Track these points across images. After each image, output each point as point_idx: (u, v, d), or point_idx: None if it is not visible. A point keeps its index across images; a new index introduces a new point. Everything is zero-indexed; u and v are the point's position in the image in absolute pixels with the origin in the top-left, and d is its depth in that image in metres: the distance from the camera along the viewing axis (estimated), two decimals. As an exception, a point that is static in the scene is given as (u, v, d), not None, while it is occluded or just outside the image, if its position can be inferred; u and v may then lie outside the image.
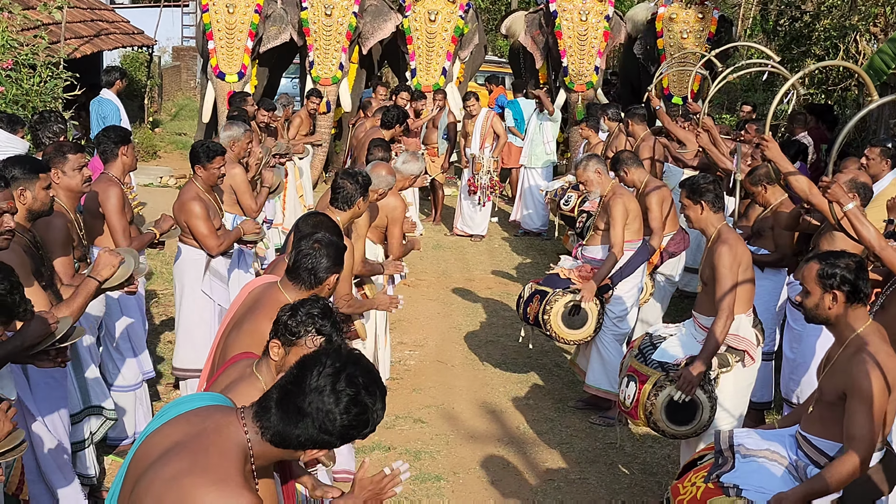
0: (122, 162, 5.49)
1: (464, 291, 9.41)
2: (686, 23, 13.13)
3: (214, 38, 12.54)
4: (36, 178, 4.01)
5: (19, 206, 3.94)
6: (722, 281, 4.76)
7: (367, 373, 2.29)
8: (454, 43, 13.24)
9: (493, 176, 11.38)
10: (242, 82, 12.54)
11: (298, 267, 3.59)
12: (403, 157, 6.56)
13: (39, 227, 4.38)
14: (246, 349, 3.24)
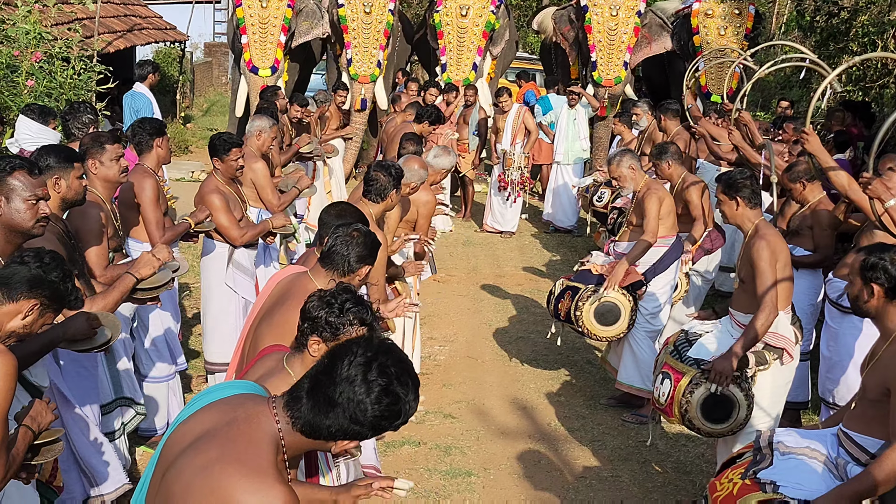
0: (157, 154, 5.50)
1: (494, 288, 9.37)
2: (723, 18, 12.98)
3: (248, 33, 12.57)
4: (70, 167, 4.02)
5: (53, 194, 3.95)
6: (761, 276, 4.68)
7: (399, 362, 2.25)
8: (485, 38, 13.19)
9: (524, 172, 11.32)
10: (275, 77, 12.56)
11: (333, 253, 3.58)
12: (435, 150, 6.54)
13: (74, 216, 4.39)
14: (277, 340, 3.21)
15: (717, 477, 4.03)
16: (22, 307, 3.01)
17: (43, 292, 3.05)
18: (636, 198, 6.38)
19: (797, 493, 3.56)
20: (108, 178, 4.68)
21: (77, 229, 4.42)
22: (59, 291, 3.11)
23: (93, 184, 4.60)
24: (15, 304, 3.00)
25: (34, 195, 3.51)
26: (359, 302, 2.98)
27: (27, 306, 3.02)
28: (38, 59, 7.79)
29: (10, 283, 3.00)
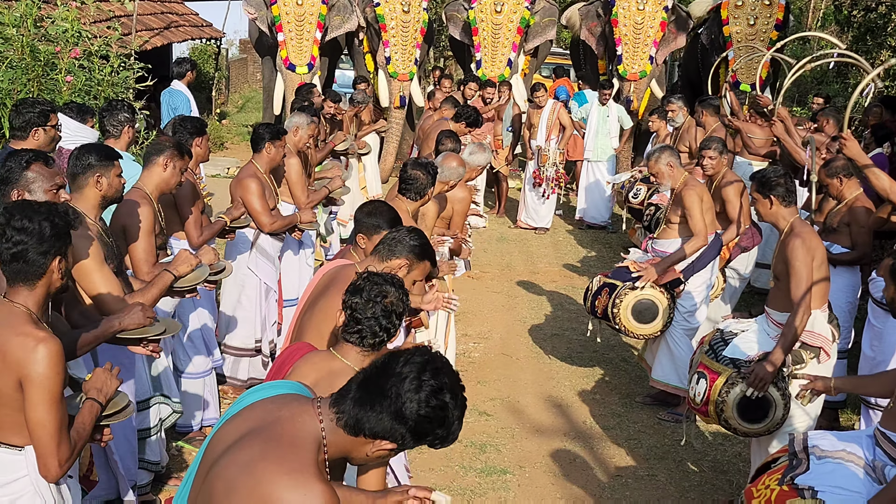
0: (195, 153, 5.56)
1: (528, 284, 9.36)
2: (752, 9, 12.92)
3: (284, 31, 12.63)
4: (111, 165, 4.06)
5: (94, 192, 4.00)
6: (796, 275, 4.63)
7: (452, 375, 2.29)
8: (519, 34, 13.17)
9: (559, 168, 11.29)
10: (312, 73, 12.62)
11: (384, 241, 3.72)
12: (471, 147, 6.54)
13: (122, 213, 4.46)
14: (318, 328, 3.25)
15: (753, 483, 4.00)
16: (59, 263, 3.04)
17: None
18: (674, 195, 6.34)
19: (836, 498, 3.52)
20: (169, 182, 4.73)
21: (125, 226, 4.48)
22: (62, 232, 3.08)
23: (149, 180, 4.66)
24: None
25: (54, 184, 3.63)
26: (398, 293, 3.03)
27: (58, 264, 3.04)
28: (76, 56, 7.88)
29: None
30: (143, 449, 4.78)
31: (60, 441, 2.89)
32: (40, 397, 2.84)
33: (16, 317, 2.90)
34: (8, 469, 2.96)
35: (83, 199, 3.99)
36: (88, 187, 3.98)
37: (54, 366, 2.85)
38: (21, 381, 2.84)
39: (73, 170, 4.00)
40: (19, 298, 2.94)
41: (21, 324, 2.88)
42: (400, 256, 3.69)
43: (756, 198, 4.88)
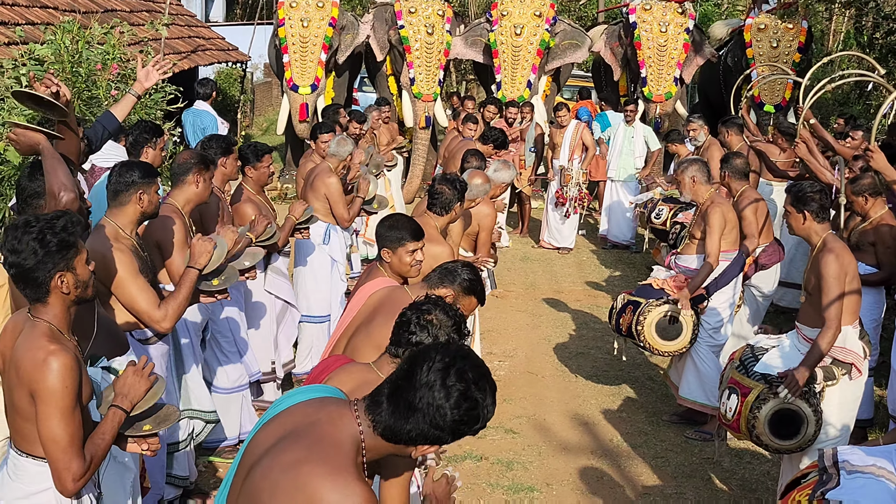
0: (223, 172, 5.62)
1: (553, 303, 9.37)
2: (775, 32, 13.01)
3: (289, 52, 12.80)
4: (153, 182, 4.15)
5: (136, 208, 4.09)
6: (828, 291, 4.64)
7: (476, 367, 2.29)
8: (539, 56, 13.25)
9: (581, 188, 11.32)
10: (315, 94, 12.74)
11: (438, 270, 3.80)
12: (495, 165, 6.60)
13: (156, 228, 4.54)
14: (374, 353, 3.24)
15: (782, 499, 3.98)
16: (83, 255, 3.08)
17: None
18: (699, 211, 6.35)
19: (867, 511, 3.51)
20: (202, 196, 4.82)
21: (159, 241, 4.56)
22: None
23: (179, 196, 4.74)
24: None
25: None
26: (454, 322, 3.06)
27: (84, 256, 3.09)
28: (115, 71, 8.05)
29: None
30: (170, 463, 4.80)
31: (73, 456, 2.88)
32: (50, 410, 2.86)
33: (36, 330, 2.95)
34: (35, 480, 2.99)
35: (123, 215, 4.07)
36: (131, 204, 4.07)
37: (63, 378, 2.86)
38: (32, 394, 2.87)
39: (116, 186, 4.08)
40: (39, 314, 3.00)
41: (37, 337, 2.92)
42: (448, 287, 3.74)
43: (790, 211, 4.89)
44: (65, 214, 3.07)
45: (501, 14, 13.23)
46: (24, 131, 3.88)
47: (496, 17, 13.28)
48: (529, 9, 13.19)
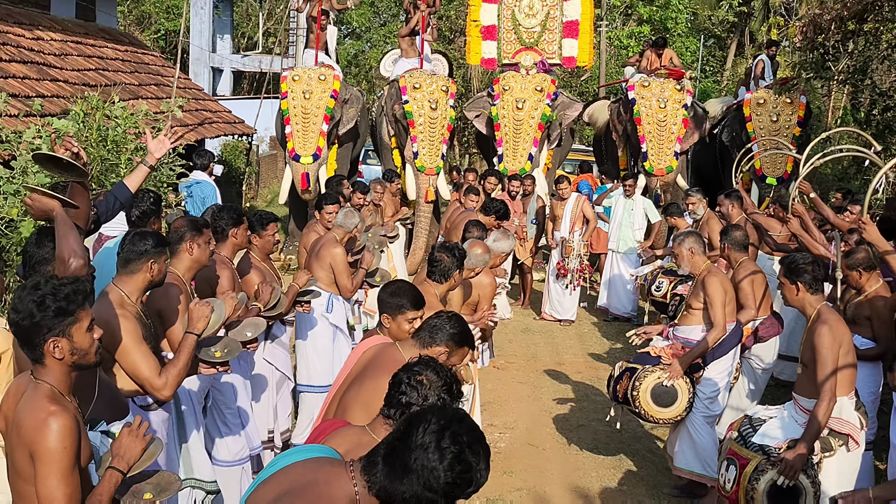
0: (232, 242, 5.69)
1: (554, 375, 9.37)
2: (775, 107, 13.29)
3: (291, 123, 13.02)
4: (164, 251, 4.25)
5: (145, 276, 4.17)
6: (823, 362, 4.69)
7: (471, 431, 2.34)
8: (541, 130, 13.47)
9: (583, 260, 11.41)
10: (317, 164, 12.91)
11: (425, 327, 3.78)
12: (494, 234, 6.69)
13: (158, 297, 4.59)
14: (364, 409, 3.30)
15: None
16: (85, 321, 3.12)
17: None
18: (696, 282, 6.42)
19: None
20: (200, 260, 4.88)
21: (161, 309, 4.61)
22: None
23: (179, 265, 4.80)
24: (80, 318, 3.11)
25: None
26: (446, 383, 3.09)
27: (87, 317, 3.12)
28: (131, 133, 8.25)
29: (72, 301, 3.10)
30: (171, 534, 4.78)
31: None
32: (49, 471, 2.87)
33: (37, 392, 2.99)
34: None
35: (132, 282, 4.15)
36: (141, 272, 4.16)
37: (62, 439, 2.88)
38: (32, 454, 2.89)
39: (129, 254, 4.16)
40: (40, 375, 3.04)
41: (38, 399, 2.96)
42: (440, 343, 3.78)
43: (784, 283, 4.96)
44: (74, 282, 3.13)
45: (503, 89, 13.50)
46: (40, 197, 3.97)
47: (498, 91, 13.55)
48: (531, 84, 13.47)
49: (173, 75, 15.14)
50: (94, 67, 14.02)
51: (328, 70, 13.36)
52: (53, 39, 13.64)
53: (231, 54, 28.62)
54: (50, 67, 12.41)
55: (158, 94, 15.23)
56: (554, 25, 14.38)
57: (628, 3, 29.65)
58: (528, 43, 14.35)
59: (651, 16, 28.61)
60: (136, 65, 16.25)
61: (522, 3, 14.34)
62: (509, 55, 14.33)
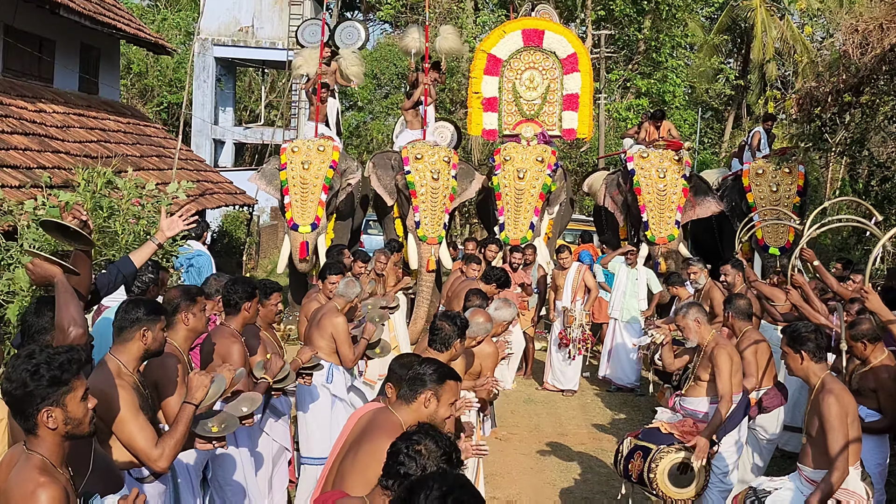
0: (244, 317, 5.65)
1: (557, 446, 9.24)
2: (774, 177, 13.40)
3: (290, 193, 13.08)
4: (158, 319, 4.20)
5: (139, 345, 4.13)
6: (833, 431, 4.62)
7: (473, 497, 2.32)
8: (542, 199, 13.54)
9: (585, 329, 11.36)
10: (316, 233, 12.93)
11: (404, 384, 3.76)
12: (496, 303, 6.66)
13: (154, 367, 4.54)
14: (360, 475, 3.25)
15: None
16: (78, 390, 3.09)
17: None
18: (703, 352, 6.35)
19: None
20: (196, 329, 4.85)
21: (157, 380, 4.56)
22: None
23: (175, 335, 4.76)
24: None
25: None
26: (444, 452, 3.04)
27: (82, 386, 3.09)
28: (137, 204, 8.29)
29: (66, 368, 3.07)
30: None
31: None
32: None
33: (28, 463, 2.95)
34: None
35: (127, 351, 4.11)
36: (134, 341, 4.11)
37: None
38: None
39: (121, 323, 4.13)
40: (33, 446, 3.01)
41: (29, 469, 2.92)
42: (423, 390, 3.74)
43: (787, 352, 4.92)
44: (69, 351, 3.11)
45: (504, 159, 13.62)
46: (43, 263, 3.96)
47: (499, 161, 13.66)
48: (532, 155, 13.60)
49: (175, 147, 15.27)
50: (96, 139, 14.15)
51: (327, 141, 13.49)
52: (56, 112, 13.79)
53: (233, 126, 28.95)
54: (52, 139, 12.52)
55: (160, 165, 15.35)
56: (554, 98, 14.59)
57: (626, 77, 30.08)
58: (529, 115, 14.55)
59: (649, 89, 29.01)
60: (139, 137, 16.41)
61: (523, 76, 14.57)
62: (510, 126, 14.51)
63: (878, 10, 11.43)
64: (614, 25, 29.09)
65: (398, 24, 33.62)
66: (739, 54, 37.40)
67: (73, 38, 15.56)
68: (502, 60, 14.59)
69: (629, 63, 30.74)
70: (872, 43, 11.07)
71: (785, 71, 34.35)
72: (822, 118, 13.15)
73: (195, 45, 21.49)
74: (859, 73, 11.54)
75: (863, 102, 11.94)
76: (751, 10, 33.74)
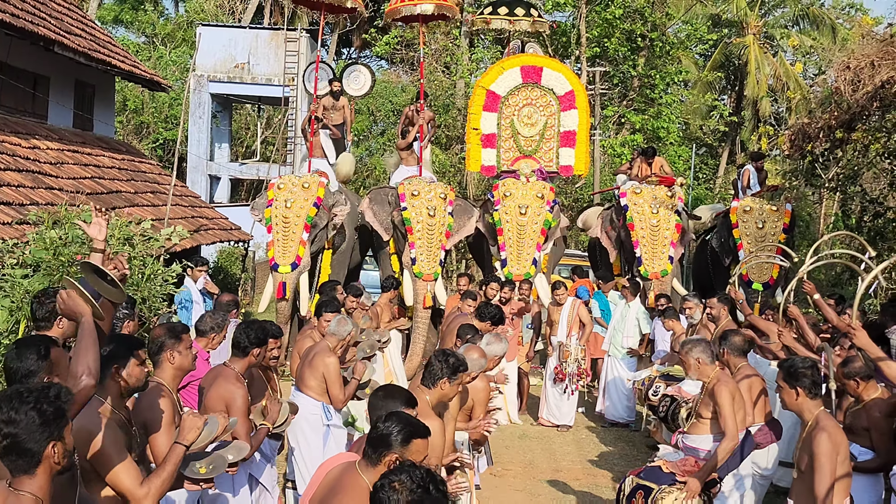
0: (249, 361, 5.61)
1: (552, 483, 9.18)
2: (761, 213, 13.49)
3: (272, 232, 13.02)
4: (130, 356, 4.16)
5: (115, 384, 4.09)
6: (821, 470, 4.62)
7: None
8: (543, 235, 13.56)
9: (580, 364, 11.34)
10: (296, 273, 12.83)
11: (370, 444, 3.65)
12: (487, 338, 6.64)
13: (143, 407, 4.51)
14: None
15: None
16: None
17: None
18: (705, 390, 6.30)
19: None
20: (183, 367, 4.82)
21: (146, 418, 4.53)
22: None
23: (163, 373, 4.74)
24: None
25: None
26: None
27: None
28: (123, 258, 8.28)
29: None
30: None
31: None
32: None
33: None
34: None
35: (104, 390, 4.04)
36: (110, 378, 4.06)
37: None
38: None
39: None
40: (23, 486, 2.97)
41: None
42: (388, 453, 3.59)
43: (782, 387, 4.92)
44: (50, 386, 3.10)
45: (504, 195, 13.63)
46: (77, 297, 3.81)
47: (499, 197, 13.66)
48: (532, 191, 13.63)
49: (170, 183, 15.30)
50: (90, 175, 14.16)
51: (314, 177, 13.38)
52: (50, 148, 13.81)
53: (229, 162, 29.03)
54: (45, 175, 12.53)
55: (155, 201, 15.37)
56: (552, 135, 14.70)
57: (621, 113, 30.28)
58: (527, 151, 14.63)
59: (643, 125, 29.20)
60: (133, 173, 16.44)
61: (522, 112, 14.68)
62: (508, 162, 14.57)
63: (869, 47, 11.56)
64: (609, 62, 29.31)
65: (394, 60, 33.86)
66: (733, 91, 37.71)
67: (68, 74, 15.65)
68: (501, 97, 14.70)
69: (623, 99, 30.95)
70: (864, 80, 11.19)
71: (778, 107, 34.64)
72: (814, 154, 13.24)
73: (190, 82, 21.58)
74: (851, 109, 11.65)
75: (855, 139, 12.03)
76: (744, 48, 34.11)
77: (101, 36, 17.24)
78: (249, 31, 27.58)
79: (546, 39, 25.47)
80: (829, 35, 33.99)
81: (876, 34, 12.30)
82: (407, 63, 32.69)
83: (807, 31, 35.28)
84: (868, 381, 6.00)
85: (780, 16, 37.54)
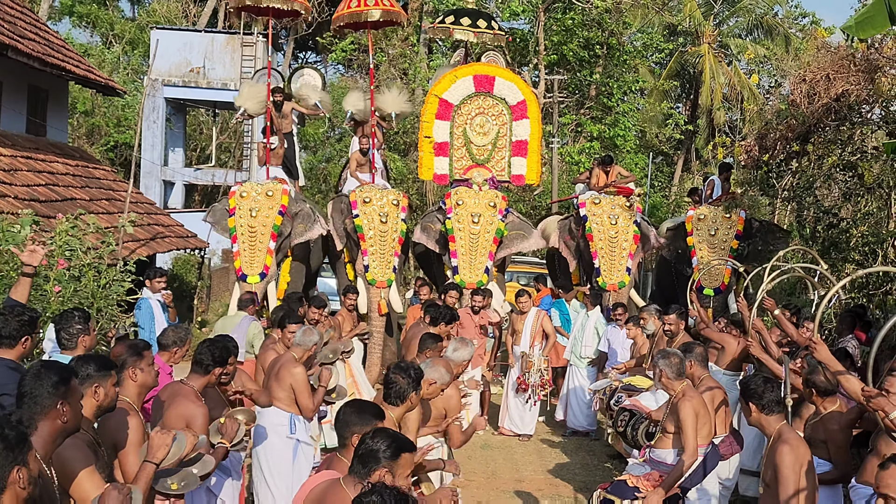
0: (209, 380, 5.55)
1: (514, 493, 9.18)
2: (714, 221, 13.72)
3: (238, 241, 12.87)
4: (109, 375, 4.12)
5: (91, 402, 4.03)
6: (784, 482, 4.68)
7: None
8: (496, 244, 13.57)
9: (543, 374, 11.35)
10: (265, 282, 12.74)
11: (357, 458, 3.66)
12: (453, 344, 6.64)
13: (111, 428, 4.44)
14: None
15: None
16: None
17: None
18: (671, 404, 6.32)
19: None
20: (147, 384, 4.76)
21: (114, 438, 4.45)
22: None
23: (127, 391, 4.66)
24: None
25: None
26: None
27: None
28: (62, 267, 8.08)
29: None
30: None
31: None
32: None
33: None
34: None
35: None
36: (86, 397, 4.00)
37: None
38: None
39: None
40: None
41: None
42: (377, 467, 3.64)
43: (741, 403, 4.97)
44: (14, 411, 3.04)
45: (456, 203, 13.60)
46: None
47: (450, 205, 13.62)
48: (484, 199, 13.62)
49: (125, 189, 15.07)
50: (45, 183, 13.92)
51: (277, 185, 13.25)
52: (3, 154, 13.54)
53: (183, 167, 28.65)
54: (-1, 183, 12.30)
55: (110, 208, 15.14)
56: (504, 144, 14.69)
57: (578, 121, 30.49)
58: (480, 160, 14.60)
59: (601, 133, 29.42)
60: (87, 179, 16.18)
61: (474, 121, 14.65)
62: (461, 171, 14.53)
63: (824, 60, 11.74)
64: (567, 70, 29.50)
65: (351, 66, 33.73)
66: (688, 99, 38.16)
67: (21, 79, 15.35)
68: (454, 105, 14.67)
69: (581, 108, 31.17)
70: (819, 93, 11.36)
71: (732, 116, 35.10)
72: (769, 164, 13.42)
73: (147, 87, 21.29)
74: (806, 122, 11.82)
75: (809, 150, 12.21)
76: (699, 57, 34.53)
77: (54, 40, 16.95)
78: (205, 35, 27.22)
79: (505, 48, 25.54)
80: (782, 45, 34.58)
81: (830, 46, 12.49)
82: (364, 69, 32.59)
83: (761, 41, 35.84)
84: (826, 397, 6.05)
85: (734, 25, 38.09)
